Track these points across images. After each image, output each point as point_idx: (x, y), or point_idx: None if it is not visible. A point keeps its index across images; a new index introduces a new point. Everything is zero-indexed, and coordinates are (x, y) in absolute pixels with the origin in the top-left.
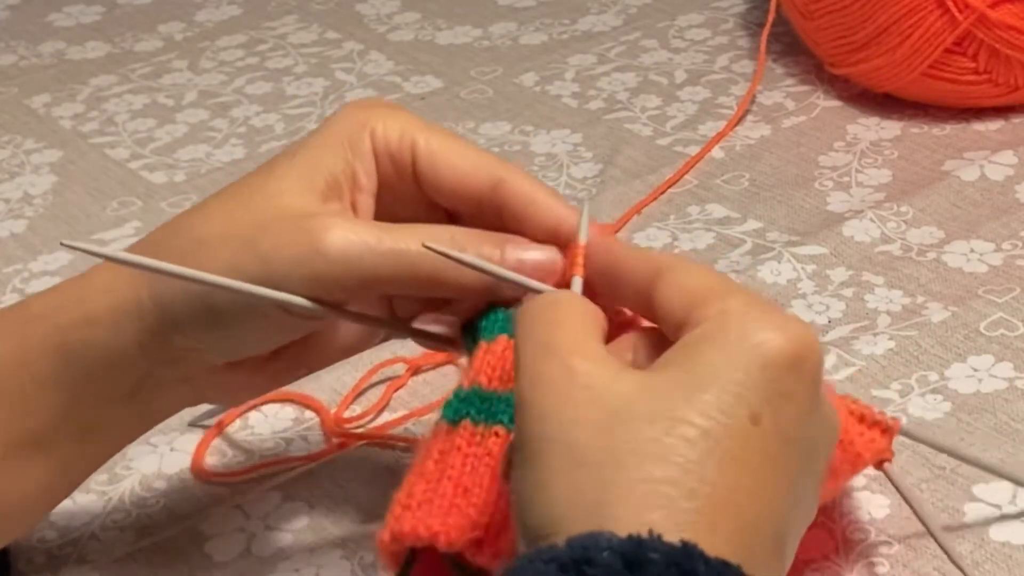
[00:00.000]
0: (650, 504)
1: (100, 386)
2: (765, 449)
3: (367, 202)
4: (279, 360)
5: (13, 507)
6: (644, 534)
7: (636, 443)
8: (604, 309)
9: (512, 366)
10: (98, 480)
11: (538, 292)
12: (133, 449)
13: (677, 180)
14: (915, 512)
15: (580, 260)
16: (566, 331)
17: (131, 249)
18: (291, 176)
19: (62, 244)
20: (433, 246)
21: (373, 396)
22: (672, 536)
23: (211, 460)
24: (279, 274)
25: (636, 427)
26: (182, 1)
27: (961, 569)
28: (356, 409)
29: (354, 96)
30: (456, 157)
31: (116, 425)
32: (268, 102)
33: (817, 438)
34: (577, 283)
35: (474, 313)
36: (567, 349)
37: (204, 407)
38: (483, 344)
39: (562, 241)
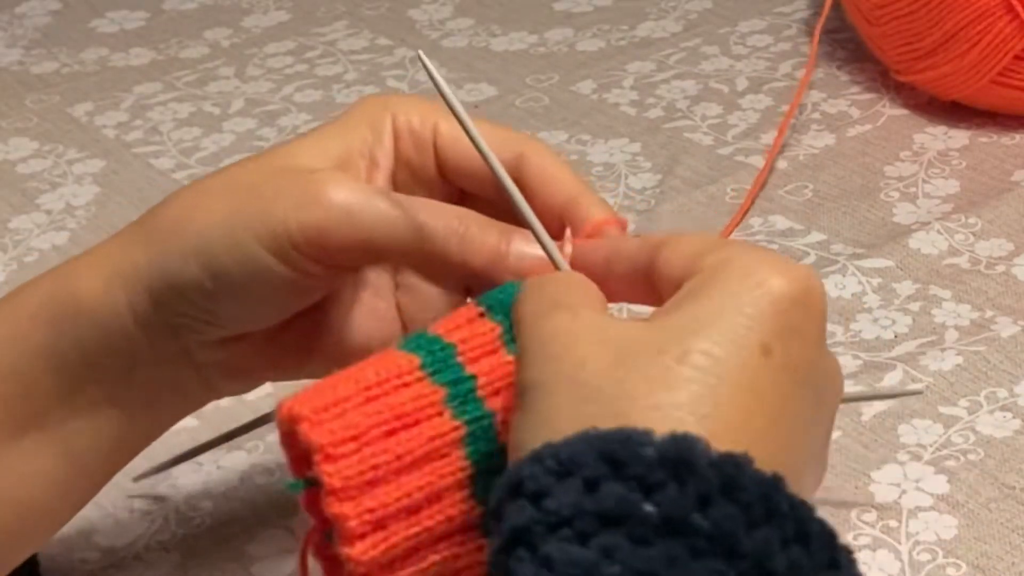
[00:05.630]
0: (664, 431)
1: (94, 359)
2: (777, 384)
3: (382, 181)
4: (282, 341)
5: (24, 500)
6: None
7: (646, 373)
8: None
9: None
10: (142, 499)
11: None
12: (178, 468)
13: (749, 204)
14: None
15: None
16: (574, 294)
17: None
18: (305, 145)
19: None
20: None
21: None
22: None
23: (260, 480)
24: (278, 217)
25: (646, 359)
26: (229, 7)
27: None
28: None
29: None
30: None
31: (119, 408)
32: (317, 110)
33: (825, 384)
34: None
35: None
36: (575, 303)
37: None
38: (477, 309)
39: (572, 218)
